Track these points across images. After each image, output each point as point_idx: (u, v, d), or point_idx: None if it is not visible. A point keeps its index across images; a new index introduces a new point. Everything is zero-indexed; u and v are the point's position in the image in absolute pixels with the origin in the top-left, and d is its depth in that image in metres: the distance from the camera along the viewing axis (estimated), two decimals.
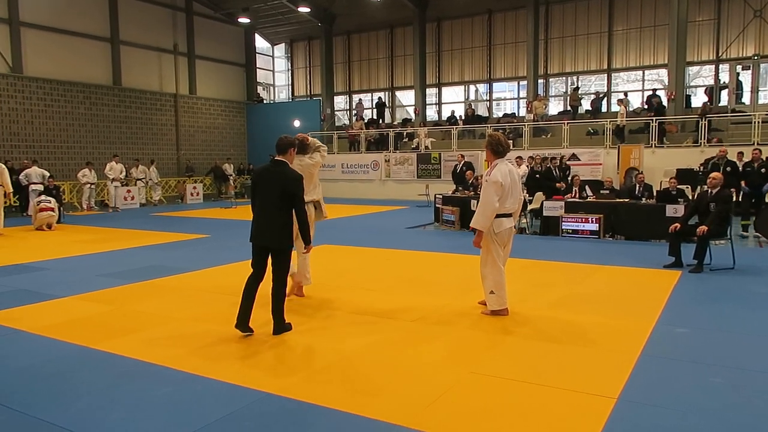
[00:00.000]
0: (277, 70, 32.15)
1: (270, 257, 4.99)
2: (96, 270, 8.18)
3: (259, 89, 30.10)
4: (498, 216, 5.44)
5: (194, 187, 22.86)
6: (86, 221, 15.41)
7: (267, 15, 27.23)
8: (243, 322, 4.93)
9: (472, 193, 12.71)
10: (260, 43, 30.26)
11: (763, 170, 13.35)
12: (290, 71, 31.51)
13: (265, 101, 30.05)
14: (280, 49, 31.83)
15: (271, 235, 4.88)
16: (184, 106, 25.08)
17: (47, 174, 16.36)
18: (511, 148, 5.61)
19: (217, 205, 20.68)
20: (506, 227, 5.50)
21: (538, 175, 14.00)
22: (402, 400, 3.68)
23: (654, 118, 18.56)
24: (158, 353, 4.59)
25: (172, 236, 11.92)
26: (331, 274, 7.68)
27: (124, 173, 19.84)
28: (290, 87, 31.58)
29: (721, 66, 21.15)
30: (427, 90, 26.52)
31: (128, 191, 20.11)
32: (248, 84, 28.69)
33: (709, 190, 7.96)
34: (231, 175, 24.64)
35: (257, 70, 29.71)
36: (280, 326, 5.05)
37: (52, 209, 13.45)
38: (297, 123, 26.68)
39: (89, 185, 18.76)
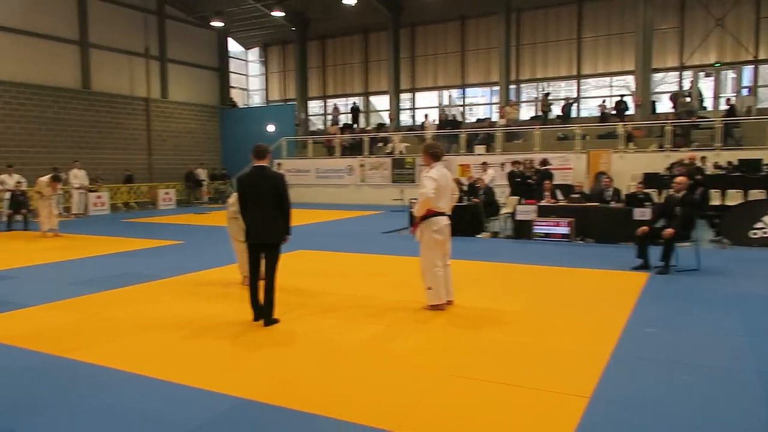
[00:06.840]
0: (250, 75, 31.98)
1: (263, 253, 5.55)
2: (66, 278, 8.04)
3: (233, 93, 29.88)
4: (433, 215, 5.92)
5: (167, 193, 22.56)
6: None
7: (240, 19, 27.07)
8: (259, 311, 5.51)
9: None
10: (234, 47, 30.07)
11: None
12: (264, 75, 31.37)
13: (238, 106, 29.83)
14: (254, 54, 31.67)
15: (271, 233, 5.42)
16: (155, 111, 24.75)
17: (22, 180, 16.29)
18: (446, 153, 6.12)
19: (190, 210, 20.44)
20: (443, 224, 5.99)
21: (519, 179, 14.10)
22: (384, 403, 3.73)
23: (622, 123, 19.00)
24: (130, 361, 4.54)
25: (145, 243, 11.76)
26: (311, 279, 7.68)
27: (87, 180, 19.21)
28: (264, 91, 31.43)
29: (684, 73, 21.77)
30: (402, 95, 26.68)
31: (98, 197, 19.74)
32: (221, 88, 28.48)
33: (676, 194, 8.19)
34: (204, 181, 24.39)
35: (230, 74, 29.51)
36: (272, 318, 5.50)
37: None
38: (272, 128, 26.52)
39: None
